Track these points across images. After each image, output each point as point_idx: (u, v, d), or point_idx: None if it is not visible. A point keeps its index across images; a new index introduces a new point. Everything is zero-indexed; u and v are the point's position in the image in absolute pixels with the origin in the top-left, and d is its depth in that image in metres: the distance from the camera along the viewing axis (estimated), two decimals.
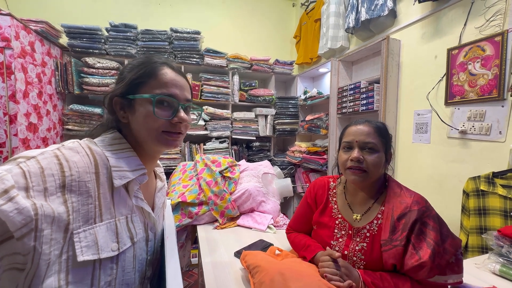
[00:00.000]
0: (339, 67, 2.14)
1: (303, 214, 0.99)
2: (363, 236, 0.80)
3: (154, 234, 0.58)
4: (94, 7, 2.42)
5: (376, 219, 0.80)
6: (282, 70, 2.73)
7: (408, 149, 1.68)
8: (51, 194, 0.39)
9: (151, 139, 0.53)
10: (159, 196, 0.64)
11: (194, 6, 2.74)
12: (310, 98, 2.48)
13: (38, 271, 0.37)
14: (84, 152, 0.46)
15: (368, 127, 0.81)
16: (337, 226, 0.86)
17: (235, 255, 1.00)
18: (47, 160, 0.40)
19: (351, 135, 0.82)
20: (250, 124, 2.61)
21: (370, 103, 1.76)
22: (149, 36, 2.24)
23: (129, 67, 0.56)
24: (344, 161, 0.81)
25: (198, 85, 2.42)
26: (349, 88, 1.96)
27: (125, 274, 0.49)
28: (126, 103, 0.54)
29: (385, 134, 0.82)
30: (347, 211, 0.87)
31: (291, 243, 0.99)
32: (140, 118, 0.52)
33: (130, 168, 0.51)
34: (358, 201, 0.85)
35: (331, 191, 0.94)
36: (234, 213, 1.33)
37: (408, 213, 0.73)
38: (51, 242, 0.38)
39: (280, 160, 2.73)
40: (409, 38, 1.68)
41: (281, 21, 3.09)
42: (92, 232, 0.43)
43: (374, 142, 0.78)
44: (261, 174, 1.48)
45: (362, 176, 0.78)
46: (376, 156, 0.78)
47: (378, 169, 0.79)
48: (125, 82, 0.53)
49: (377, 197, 0.83)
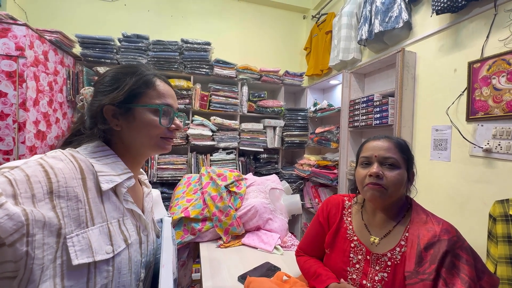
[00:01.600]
0: (350, 79, 2.09)
1: (314, 235, 0.91)
2: (384, 264, 0.72)
3: (146, 236, 0.59)
4: (108, 18, 2.48)
5: (399, 246, 0.71)
6: (291, 81, 2.69)
7: (425, 167, 1.58)
8: (39, 200, 0.39)
9: (150, 144, 0.58)
10: (147, 201, 0.65)
11: (205, 18, 2.77)
12: (321, 110, 2.42)
13: (32, 276, 0.36)
14: (68, 160, 0.46)
15: (388, 142, 0.75)
16: (352, 250, 0.78)
17: (239, 279, 0.93)
18: (32, 168, 0.40)
19: (370, 150, 0.75)
20: (258, 135, 2.56)
21: (384, 117, 1.69)
22: (160, 46, 2.25)
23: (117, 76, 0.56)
24: (362, 177, 0.74)
25: (207, 95, 2.41)
26: (362, 101, 1.89)
27: (121, 276, 0.49)
28: (122, 111, 0.55)
29: (406, 151, 0.75)
30: (364, 233, 0.79)
31: (301, 268, 0.91)
32: (141, 125, 0.55)
33: (116, 172, 0.52)
34: (377, 222, 0.78)
35: (345, 210, 0.87)
36: (239, 230, 1.26)
37: (437, 243, 0.65)
38: (44, 246, 0.38)
39: (288, 173, 2.65)
40: (426, 51, 1.61)
41: (292, 33, 3.09)
42: (85, 236, 0.43)
43: (394, 158, 0.72)
44: (269, 190, 1.41)
45: (381, 192, 0.71)
46: (397, 173, 0.71)
47: (399, 187, 0.71)
48: (123, 91, 0.54)
49: (398, 220, 0.75)
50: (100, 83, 0.57)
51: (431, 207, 1.52)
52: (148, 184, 0.69)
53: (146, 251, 0.58)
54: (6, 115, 1.54)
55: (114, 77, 0.56)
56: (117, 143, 0.57)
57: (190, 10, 2.72)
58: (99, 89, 0.56)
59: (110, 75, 0.57)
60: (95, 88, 0.57)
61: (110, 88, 0.55)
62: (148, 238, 0.60)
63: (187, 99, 2.35)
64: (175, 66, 2.30)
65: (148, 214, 0.64)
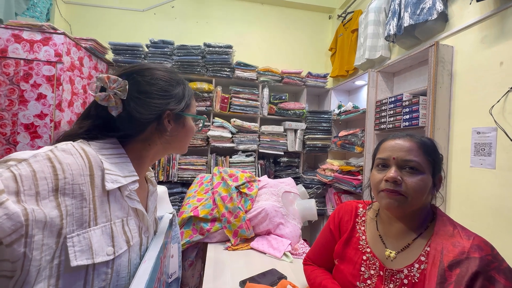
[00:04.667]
0: (377, 79, 1.94)
1: (323, 243, 0.83)
2: (399, 282, 0.62)
3: (147, 238, 0.58)
4: (139, 26, 2.65)
5: (418, 262, 0.61)
6: (314, 83, 2.60)
7: (464, 175, 1.38)
8: (44, 198, 0.38)
9: (185, 148, 0.65)
10: (152, 200, 0.64)
11: (229, 22, 2.82)
12: (345, 112, 2.29)
13: (28, 278, 0.36)
14: (78, 154, 0.45)
15: (410, 142, 0.64)
16: (364, 263, 0.69)
17: (240, 284, 0.88)
18: (39, 163, 0.39)
19: (387, 151, 0.66)
20: (279, 138, 2.50)
21: (414, 118, 1.52)
22: (184, 51, 2.34)
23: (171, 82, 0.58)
24: (377, 182, 0.65)
25: (227, 98, 2.42)
26: (389, 102, 1.73)
27: (119, 279, 0.47)
28: (175, 117, 0.59)
29: (432, 152, 0.64)
30: (378, 245, 0.69)
31: (307, 278, 0.83)
32: (187, 132, 0.62)
33: (122, 174, 0.51)
34: (393, 234, 0.68)
35: (359, 218, 0.77)
36: (248, 233, 1.21)
37: (465, 261, 0.54)
38: (43, 247, 0.37)
39: (310, 178, 2.53)
40: (465, 44, 1.43)
41: (316, 34, 3.00)
42: (86, 236, 0.42)
43: (417, 161, 0.61)
44: (282, 193, 1.34)
45: (399, 201, 0.61)
46: (419, 179, 0.61)
47: (422, 195, 0.61)
48: (184, 100, 0.60)
49: (420, 233, 0.64)
50: (154, 86, 0.55)
51: (470, 222, 1.32)
52: (154, 182, 0.68)
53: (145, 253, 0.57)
54: (45, 115, 1.70)
55: (169, 83, 0.57)
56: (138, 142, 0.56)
57: (214, 16, 2.80)
58: (154, 92, 0.54)
59: (165, 80, 0.57)
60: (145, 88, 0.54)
61: (168, 93, 0.56)
62: (148, 240, 0.59)
63: (208, 101, 2.39)
64: (197, 70, 2.36)
65: (151, 214, 0.63)
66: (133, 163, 0.54)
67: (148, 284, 0.46)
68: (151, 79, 0.55)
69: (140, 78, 0.54)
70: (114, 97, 0.50)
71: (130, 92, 0.52)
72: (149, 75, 0.55)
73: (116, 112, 0.51)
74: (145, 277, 0.45)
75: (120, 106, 0.51)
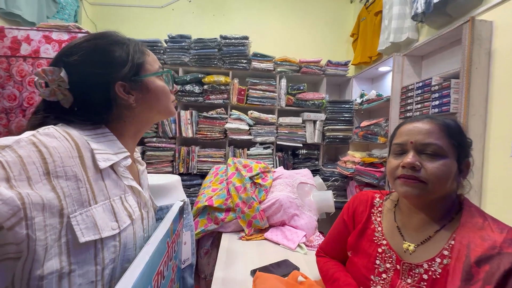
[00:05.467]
0: (403, 63, 1.80)
1: (336, 235, 0.79)
2: (418, 277, 0.57)
3: (147, 213, 0.59)
4: (158, 22, 2.72)
5: (440, 256, 0.55)
6: (335, 71, 2.48)
7: (504, 165, 1.24)
8: (36, 182, 0.37)
9: (165, 112, 0.58)
10: (144, 178, 0.64)
11: (246, 13, 2.79)
12: (367, 101, 2.16)
13: (36, 256, 0.36)
14: (62, 137, 0.43)
15: (430, 124, 0.58)
16: (379, 256, 0.64)
17: (251, 273, 0.87)
18: (24, 149, 0.38)
19: (405, 135, 0.60)
20: (297, 130, 2.44)
21: (445, 103, 1.39)
22: (201, 44, 2.35)
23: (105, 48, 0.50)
24: (393, 168, 0.60)
25: (244, 90, 2.41)
26: (416, 87, 1.60)
27: (126, 250, 0.48)
28: (132, 85, 0.52)
29: (457, 135, 0.57)
30: (396, 237, 0.64)
31: (319, 270, 0.80)
32: (156, 94, 0.55)
33: (112, 151, 0.50)
34: (413, 225, 0.62)
35: (375, 208, 0.72)
36: (262, 224, 1.20)
37: (496, 257, 0.47)
38: (46, 228, 0.37)
39: (330, 170, 2.45)
40: (506, 18, 1.26)
41: (337, 20, 2.85)
42: (89, 214, 0.42)
43: (438, 144, 0.55)
44: (297, 184, 1.30)
45: (418, 188, 0.55)
46: (441, 164, 0.54)
47: (444, 181, 0.55)
48: (129, 63, 0.51)
49: (443, 224, 0.58)
50: (84, 63, 0.48)
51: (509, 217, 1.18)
52: (142, 162, 0.68)
53: (148, 227, 0.59)
54: None
55: (101, 52, 0.50)
56: (113, 122, 0.53)
57: (230, 8, 2.78)
58: (88, 69, 0.48)
59: (96, 48, 0.50)
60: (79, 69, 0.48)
61: (107, 62, 0.49)
62: (149, 214, 0.60)
63: (225, 94, 2.39)
64: (214, 62, 2.37)
65: (146, 191, 0.64)
66: (121, 140, 0.53)
67: (150, 266, 0.46)
68: (81, 55, 0.48)
69: (70, 59, 0.48)
70: (59, 89, 0.47)
71: (70, 77, 0.47)
72: (76, 53, 0.49)
73: (68, 103, 0.48)
74: (145, 258, 0.46)
75: (70, 96, 0.48)
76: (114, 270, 0.46)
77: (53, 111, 0.48)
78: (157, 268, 0.53)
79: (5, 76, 1.79)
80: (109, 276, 0.45)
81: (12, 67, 1.79)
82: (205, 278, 1.24)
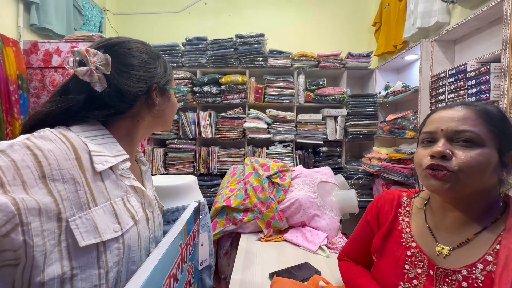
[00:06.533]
0: (433, 50, 1.65)
1: (360, 237, 0.73)
2: (456, 285, 0.50)
3: (152, 213, 0.58)
4: (176, 26, 2.78)
5: (483, 261, 0.48)
6: (356, 64, 2.36)
7: None
8: (32, 186, 0.37)
9: (168, 123, 0.64)
10: (147, 178, 0.64)
11: (261, 10, 2.75)
12: (393, 93, 2.02)
13: (35, 263, 0.36)
14: (58, 140, 0.43)
15: (465, 110, 0.51)
16: (409, 260, 0.58)
17: (270, 276, 0.84)
18: (18, 153, 0.37)
19: (435, 122, 0.53)
20: (317, 126, 2.36)
21: (484, 91, 1.24)
22: (217, 45, 2.36)
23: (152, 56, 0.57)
24: (421, 159, 0.53)
25: (261, 88, 2.38)
26: (449, 75, 1.46)
27: (131, 252, 0.48)
28: (162, 91, 0.59)
29: (498, 122, 0.49)
30: (426, 239, 0.57)
31: (342, 276, 0.75)
32: (172, 106, 0.63)
33: (111, 153, 0.49)
34: (448, 225, 0.55)
35: (402, 208, 0.65)
36: (281, 225, 1.16)
37: None
38: (44, 233, 0.36)
39: (353, 168, 2.33)
40: None
41: (357, 9, 2.71)
42: (89, 217, 0.42)
43: (473, 131, 0.48)
44: (317, 183, 1.24)
45: (448, 180, 0.48)
46: (477, 153, 0.47)
47: (481, 173, 0.47)
48: (166, 74, 0.59)
49: (485, 226, 0.51)
50: (136, 58, 0.53)
51: None
52: (145, 162, 0.67)
53: (153, 227, 0.58)
54: None
55: (150, 56, 0.56)
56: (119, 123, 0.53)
57: (245, 6, 2.76)
58: (138, 64, 0.53)
59: (147, 52, 0.56)
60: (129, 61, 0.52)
61: (153, 66, 0.56)
62: (154, 214, 0.60)
63: (243, 93, 2.37)
64: (231, 62, 2.37)
65: (150, 191, 0.64)
66: (122, 142, 0.53)
67: (160, 269, 0.45)
68: (133, 51, 0.53)
69: (122, 50, 0.52)
70: (96, 71, 0.47)
71: (114, 65, 0.49)
72: (130, 48, 0.53)
73: (101, 87, 0.48)
74: (154, 262, 0.45)
75: (104, 81, 0.48)
76: (119, 272, 0.45)
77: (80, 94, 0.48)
78: (168, 271, 0.52)
79: (40, 86, 1.94)
80: (114, 279, 0.44)
81: (46, 78, 1.93)
82: (225, 278, 1.23)
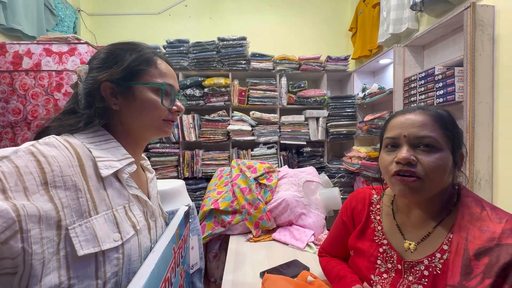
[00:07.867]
0: (404, 54, 1.77)
1: (337, 236, 0.77)
2: (419, 274, 0.55)
3: (154, 222, 0.57)
4: (156, 28, 2.73)
5: (440, 251, 0.53)
6: (335, 67, 2.46)
7: None
8: (33, 192, 0.37)
9: (151, 127, 0.55)
10: (152, 186, 0.63)
11: (242, 13, 2.78)
12: (370, 95, 2.14)
13: (33, 271, 0.35)
14: (62, 146, 0.43)
15: (423, 115, 0.55)
16: (380, 256, 0.62)
17: (261, 275, 0.86)
18: (22, 159, 0.38)
19: (397, 128, 0.57)
20: (300, 128, 2.43)
21: (450, 92, 1.36)
22: (199, 47, 2.35)
23: (115, 52, 0.52)
24: (387, 164, 0.57)
25: (245, 91, 2.40)
26: (419, 77, 1.57)
27: (131, 263, 0.47)
28: (121, 89, 0.51)
29: (450, 126, 0.55)
30: (396, 236, 0.62)
31: (323, 270, 0.79)
32: (142, 105, 0.52)
33: (116, 158, 0.49)
34: (413, 222, 0.60)
35: (373, 206, 0.70)
36: (269, 225, 1.19)
37: (496, 249, 0.46)
38: (43, 241, 0.36)
39: (335, 167, 2.43)
40: (508, 1, 1.23)
41: (334, 15, 2.83)
42: (89, 225, 0.41)
43: (433, 137, 0.53)
44: (303, 182, 1.29)
45: (415, 187, 0.53)
46: (437, 157, 0.52)
47: (442, 176, 0.52)
48: (122, 66, 0.51)
49: (441, 218, 0.56)
50: (95, 59, 0.52)
51: None
52: (151, 169, 0.67)
53: (155, 237, 0.57)
54: None
55: (111, 53, 0.52)
56: (116, 126, 0.53)
57: (226, 9, 2.78)
58: (94, 65, 0.51)
59: (106, 51, 0.53)
60: (90, 64, 0.52)
61: (108, 64, 0.51)
62: (157, 224, 0.58)
63: (226, 96, 2.38)
64: (213, 65, 2.37)
65: (154, 199, 0.62)
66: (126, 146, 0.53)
67: (156, 273, 0.46)
68: (97, 53, 0.53)
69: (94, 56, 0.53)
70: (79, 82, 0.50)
71: None
72: (98, 51, 0.54)
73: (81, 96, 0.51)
74: (151, 266, 0.45)
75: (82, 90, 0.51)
76: (117, 283, 0.44)
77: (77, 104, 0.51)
78: (164, 275, 0.53)
79: (9, 90, 1.82)
80: None
81: (15, 81, 1.82)
82: (215, 281, 1.23)
